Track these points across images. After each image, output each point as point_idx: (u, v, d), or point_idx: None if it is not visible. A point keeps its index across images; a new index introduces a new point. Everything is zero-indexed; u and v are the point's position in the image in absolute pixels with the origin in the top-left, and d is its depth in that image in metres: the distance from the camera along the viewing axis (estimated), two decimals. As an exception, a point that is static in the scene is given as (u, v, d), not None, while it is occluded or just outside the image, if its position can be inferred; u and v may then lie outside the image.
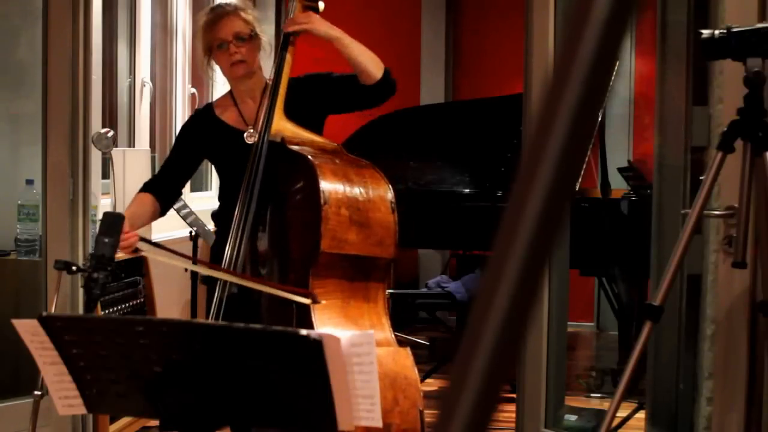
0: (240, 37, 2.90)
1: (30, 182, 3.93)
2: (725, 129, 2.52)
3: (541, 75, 3.39)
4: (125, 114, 5.11)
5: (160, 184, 3.01)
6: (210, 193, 6.04)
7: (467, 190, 5.23)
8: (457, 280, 5.74)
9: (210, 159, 3.10)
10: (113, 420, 3.91)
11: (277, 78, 2.87)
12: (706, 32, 2.47)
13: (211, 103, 3.12)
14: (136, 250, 2.74)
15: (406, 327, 6.33)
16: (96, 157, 3.96)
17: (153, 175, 3.28)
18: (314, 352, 1.63)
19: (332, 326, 2.58)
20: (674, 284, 2.81)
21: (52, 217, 3.78)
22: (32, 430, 2.78)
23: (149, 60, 5.28)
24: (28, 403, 2.87)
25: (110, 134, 3.91)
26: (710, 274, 2.79)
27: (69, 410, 1.86)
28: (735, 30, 2.43)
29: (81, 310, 3.67)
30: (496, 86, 6.60)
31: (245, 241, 2.76)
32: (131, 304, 4.17)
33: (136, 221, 2.83)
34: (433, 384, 4.86)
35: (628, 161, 6.28)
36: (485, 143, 5.39)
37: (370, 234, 2.72)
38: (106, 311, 3.88)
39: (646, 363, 3.46)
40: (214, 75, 3.08)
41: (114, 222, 2.50)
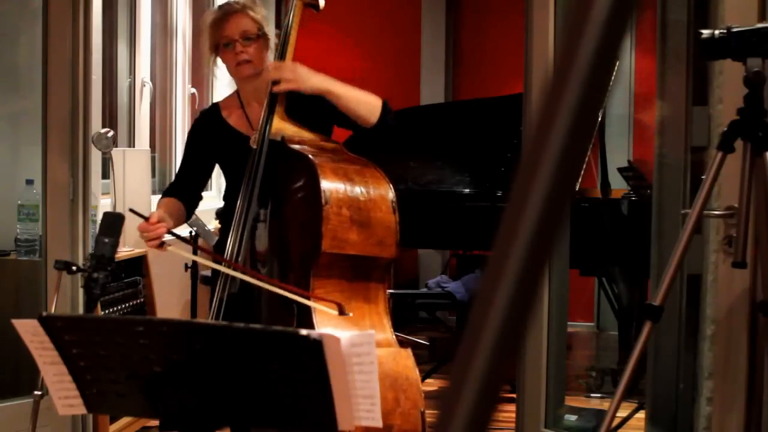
0: (247, 37, 2.87)
1: (30, 182, 3.93)
2: (725, 129, 2.51)
3: (541, 75, 3.39)
4: (125, 114, 5.11)
5: (180, 189, 2.97)
6: (211, 193, 6.03)
7: (467, 190, 5.23)
8: (457, 280, 5.74)
9: (216, 161, 3.07)
10: (113, 420, 3.91)
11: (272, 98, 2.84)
12: (706, 32, 2.47)
13: (218, 103, 3.08)
14: (162, 244, 2.71)
15: (406, 327, 6.33)
16: (96, 157, 3.96)
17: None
18: (314, 352, 1.63)
19: (333, 327, 2.57)
20: (674, 284, 2.81)
21: (52, 217, 3.78)
22: (32, 430, 2.77)
23: (149, 60, 5.28)
24: (28, 403, 2.86)
25: (110, 134, 3.91)
26: (710, 274, 2.79)
27: (69, 410, 1.86)
28: (735, 30, 2.43)
29: (81, 310, 3.67)
30: (496, 86, 6.61)
31: (245, 240, 2.75)
32: (131, 304, 4.17)
33: (168, 219, 2.77)
34: (433, 384, 4.86)
35: (628, 161, 6.29)
36: (485, 143, 5.39)
37: (371, 234, 2.71)
38: (106, 311, 3.88)
39: (646, 363, 3.46)
40: (217, 72, 3.03)
41: (114, 222, 2.50)
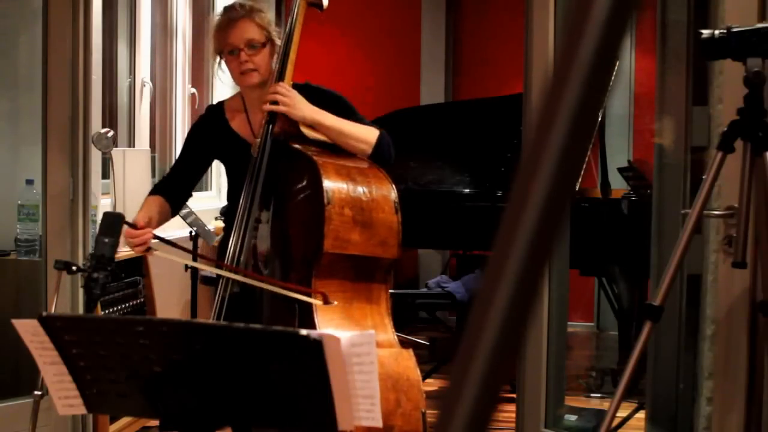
0: (252, 45, 2.78)
1: (30, 182, 3.93)
2: (725, 129, 2.51)
3: (541, 75, 3.39)
4: (125, 114, 5.11)
5: (170, 186, 2.94)
6: (210, 193, 6.04)
7: (467, 190, 5.23)
8: (457, 280, 5.75)
9: (218, 159, 3.05)
10: (113, 420, 3.91)
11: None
12: (706, 32, 2.47)
13: (224, 103, 3.01)
14: (149, 249, 2.70)
15: (406, 327, 6.33)
16: (96, 157, 3.96)
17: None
18: (314, 352, 1.63)
19: (334, 327, 2.57)
20: (674, 284, 2.81)
21: (52, 217, 3.78)
22: (32, 430, 2.78)
23: (149, 60, 5.28)
24: (28, 403, 2.87)
25: (110, 134, 3.91)
26: (710, 274, 2.79)
27: (69, 410, 1.86)
28: (735, 30, 2.43)
29: (81, 310, 3.68)
30: (496, 86, 6.61)
31: (247, 239, 2.75)
32: (131, 304, 4.17)
33: (151, 222, 2.75)
34: (433, 384, 4.86)
35: (628, 161, 6.29)
36: (485, 143, 5.39)
37: (374, 234, 2.70)
38: (106, 311, 3.88)
39: (646, 363, 3.46)
40: (220, 73, 2.95)
41: (114, 222, 2.50)
